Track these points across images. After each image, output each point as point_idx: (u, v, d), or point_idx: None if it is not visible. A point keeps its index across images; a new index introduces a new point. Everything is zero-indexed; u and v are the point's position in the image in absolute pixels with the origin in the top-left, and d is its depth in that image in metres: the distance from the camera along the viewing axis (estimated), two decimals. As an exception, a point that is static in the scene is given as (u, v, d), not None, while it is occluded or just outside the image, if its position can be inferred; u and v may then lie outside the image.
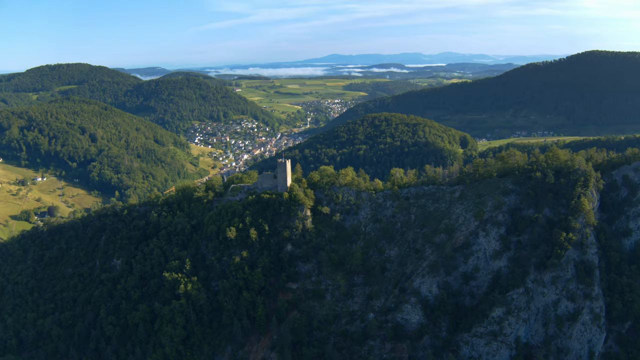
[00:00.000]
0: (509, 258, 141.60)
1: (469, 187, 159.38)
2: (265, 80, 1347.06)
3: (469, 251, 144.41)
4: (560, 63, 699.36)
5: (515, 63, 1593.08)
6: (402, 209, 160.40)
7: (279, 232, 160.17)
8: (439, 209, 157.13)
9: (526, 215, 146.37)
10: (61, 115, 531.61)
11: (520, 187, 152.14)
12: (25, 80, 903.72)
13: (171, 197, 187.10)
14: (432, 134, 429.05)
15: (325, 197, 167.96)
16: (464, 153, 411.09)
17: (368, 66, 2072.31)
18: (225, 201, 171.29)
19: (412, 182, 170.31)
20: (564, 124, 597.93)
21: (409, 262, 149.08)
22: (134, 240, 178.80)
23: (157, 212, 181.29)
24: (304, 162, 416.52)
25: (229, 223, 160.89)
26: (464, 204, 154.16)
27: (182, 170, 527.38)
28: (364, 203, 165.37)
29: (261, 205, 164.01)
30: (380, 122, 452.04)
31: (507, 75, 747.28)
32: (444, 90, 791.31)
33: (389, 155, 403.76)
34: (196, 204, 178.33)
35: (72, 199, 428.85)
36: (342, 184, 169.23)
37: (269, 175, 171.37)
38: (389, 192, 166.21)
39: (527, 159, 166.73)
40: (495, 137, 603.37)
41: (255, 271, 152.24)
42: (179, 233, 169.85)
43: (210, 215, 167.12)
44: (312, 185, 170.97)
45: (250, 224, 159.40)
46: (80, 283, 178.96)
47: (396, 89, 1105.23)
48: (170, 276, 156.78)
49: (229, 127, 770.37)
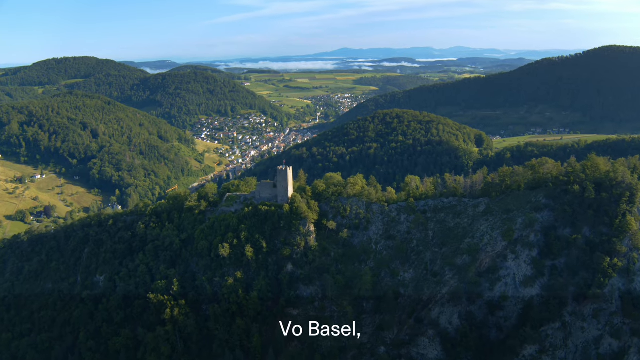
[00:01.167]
0: (543, 285, 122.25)
1: (495, 201, 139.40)
2: (275, 74, 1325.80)
3: (496, 276, 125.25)
4: (576, 58, 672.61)
5: (527, 58, 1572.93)
6: (419, 225, 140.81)
7: (278, 249, 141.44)
8: (461, 225, 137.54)
9: (562, 235, 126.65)
10: (63, 111, 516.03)
11: (554, 202, 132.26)
12: (31, 74, 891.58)
13: (160, 206, 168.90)
14: (446, 132, 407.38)
15: (332, 210, 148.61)
16: (479, 152, 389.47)
17: (379, 60, 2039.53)
18: (220, 212, 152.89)
19: (429, 192, 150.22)
20: (581, 121, 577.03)
21: (426, 287, 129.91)
22: (118, 254, 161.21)
23: (144, 223, 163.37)
24: (311, 161, 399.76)
25: (222, 238, 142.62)
26: (489, 220, 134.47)
27: (187, 167, 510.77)
28: (375, 217, 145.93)
29: (259, 219, 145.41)
30: (391, 119, 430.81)
31: (521, 71, 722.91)
32: (456, 86, 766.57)
33: (401, 155, 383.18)
34: (187, 215, 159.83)
35: (71, 197, 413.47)
36: (351, 195, 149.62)
37: (268, 183, 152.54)
38: (404, 205, 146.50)
39: (562, 167, 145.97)
40: (509, 134, 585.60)
41: (251, 295, 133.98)
42: (167, 248, 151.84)
43: (201, 229, 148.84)
44: (317, 196, 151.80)
45: (246, 240, 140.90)
46: (60, 301, 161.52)
47: (407, 83, 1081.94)
48: (156, 298, 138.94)
49: (237, 122, 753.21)
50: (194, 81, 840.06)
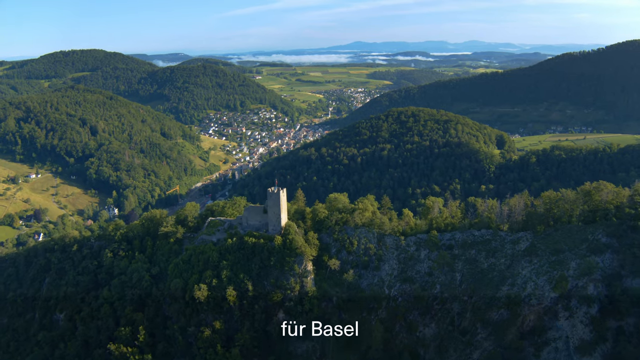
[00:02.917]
0: (605, 354, 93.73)
1: (541, 237, 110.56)
2: (287, 68, 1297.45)
3: (543, 339, 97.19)
4: (599, 53, 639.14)
5: (543, 52, 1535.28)
6: (443, 264, 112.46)
7: (267, 293, 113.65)
8: (497, 266, 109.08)
9: (631, 287, 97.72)
10: (62, 106, 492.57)
11: (619, 242, 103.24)
12: (38, 67, 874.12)
13: (132, 229, 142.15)
14: (465, 132, 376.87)
15: (335, 243, 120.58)
16: (501, 155, 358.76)
17: (393, 54, 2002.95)
18: (199, 241, 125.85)
19: (456, 221, 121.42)
20: (604, 119, 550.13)
21: (452, 349, 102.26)
22: (81, 287, 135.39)
23: (112, 251, 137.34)
24: (320, 163, 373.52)
25: (199, 277, 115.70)
26: (533, 262, 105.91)
27: (190, 166, 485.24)
28: (388, 252, 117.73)
29: (244, 254, 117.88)
30: (406, 118, 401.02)
31: (541, 66, 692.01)
32: (472, 81, 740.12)
33: (417, 157, 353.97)
34: (162, 243, 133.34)
35: (65, 199, 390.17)
36: (359, 224, 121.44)
37: (257, 208, 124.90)
38: (425, 238, 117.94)
39: (624, 190, 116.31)
40: (528, 132, 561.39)
41: (232, 352, 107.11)
42: (135, 285, 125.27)
43: (176, 263, 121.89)
44: (317, 224, 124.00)
45: (227, 281, 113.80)
46: (13, 341, 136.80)
47: (422, 78, 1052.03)
48: (118, 349, 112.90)
49: (246, 117, 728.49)
50: (203, 75, 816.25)
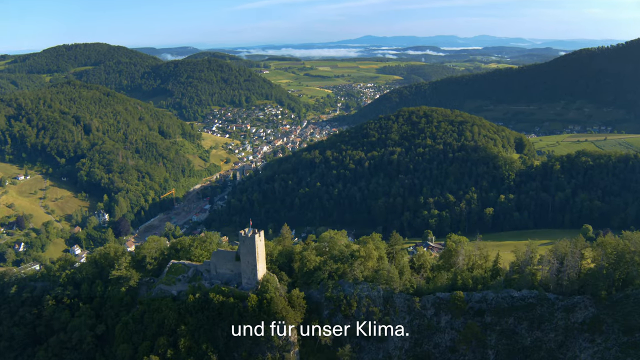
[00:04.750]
0: None
1: (606, 305, 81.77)
2: (296, 62, 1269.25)
3: None
4: (618, 49, 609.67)
5: (555, 47, 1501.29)
6: (471, 337, 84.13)
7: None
8: (545, 343, 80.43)
9: None
10: (55, 103, 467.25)
11: None
12: (40, 61, 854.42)
13: (82, 269, 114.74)
14: (482, 135, 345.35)
15: (328, 303, 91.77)
16: (521, 160, 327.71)
17: (403, 48, 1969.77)
18: (156, 292, 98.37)
19: (487, 274, 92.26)
20: (624, 118, 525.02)
21: None
22: (16, 343, 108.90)
23: (55, 297, 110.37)
24: (324, 167, 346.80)
25: (151, 344, 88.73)
26: (596, 342, 77.31)
27: (188, 166, 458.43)
28: (397, 318, 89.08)
29: (209, 316, 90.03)
30: (418, 119, 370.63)
31: (557, 62, 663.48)
32: (485, 77, 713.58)
33: (429, 162, 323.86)
34: (114, 290, 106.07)
35: (54, 203, 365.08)
36: (359, 278, 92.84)
37: (228, 254, 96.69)
38: (446, 298, 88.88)
39: None
40: (545, 131, 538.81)
41: None
42: (75, 348, 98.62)
43: (125, 322, 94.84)
44: (305, 276, 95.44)
45: (186, 352, 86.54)
46: None
47: (432, 73, 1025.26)
48: None
49: (251, 113, 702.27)
50: (208, 69, 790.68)
